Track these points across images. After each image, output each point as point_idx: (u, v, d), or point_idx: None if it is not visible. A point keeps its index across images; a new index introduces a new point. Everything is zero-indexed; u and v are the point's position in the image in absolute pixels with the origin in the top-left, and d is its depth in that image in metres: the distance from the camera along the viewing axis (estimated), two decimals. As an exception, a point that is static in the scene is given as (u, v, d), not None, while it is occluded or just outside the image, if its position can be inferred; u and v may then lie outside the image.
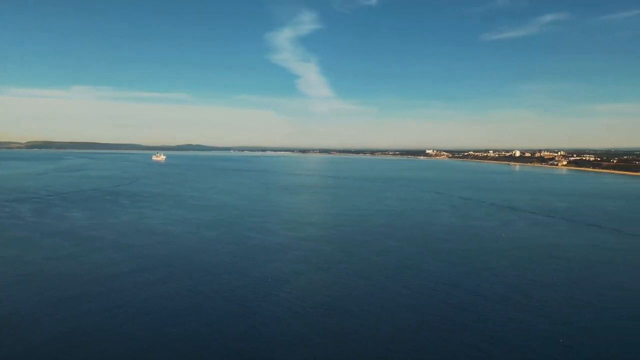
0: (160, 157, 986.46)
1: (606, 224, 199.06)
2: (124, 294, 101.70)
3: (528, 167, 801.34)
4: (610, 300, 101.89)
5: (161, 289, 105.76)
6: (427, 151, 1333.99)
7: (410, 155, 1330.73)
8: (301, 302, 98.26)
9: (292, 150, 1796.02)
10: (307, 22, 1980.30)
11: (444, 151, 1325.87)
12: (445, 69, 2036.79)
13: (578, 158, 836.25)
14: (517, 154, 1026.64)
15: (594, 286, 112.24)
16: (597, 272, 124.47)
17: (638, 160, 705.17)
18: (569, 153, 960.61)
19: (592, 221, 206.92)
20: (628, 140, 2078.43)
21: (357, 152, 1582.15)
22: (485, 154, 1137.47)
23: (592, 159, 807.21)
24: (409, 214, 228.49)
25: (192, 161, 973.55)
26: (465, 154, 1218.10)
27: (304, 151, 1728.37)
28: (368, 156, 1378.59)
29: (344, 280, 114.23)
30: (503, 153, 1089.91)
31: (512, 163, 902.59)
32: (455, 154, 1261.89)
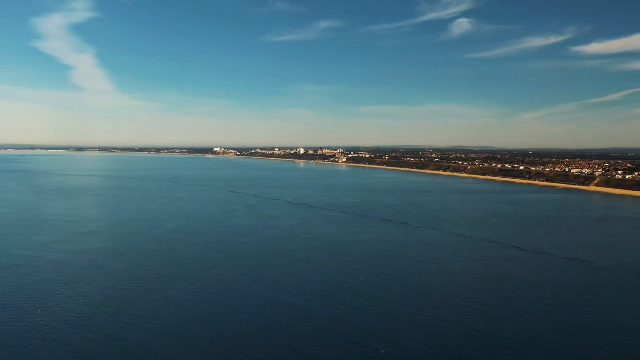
0: None
1: (395, 218, 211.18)
2: None
3: (312, 164, 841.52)
4: (409, 283, 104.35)
5: None
6: (215, 149, 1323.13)
7: (198, 153, 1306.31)
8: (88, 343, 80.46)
9: (67, 149, 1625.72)
10: (82, 9, 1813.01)
11: (232, 149, 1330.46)
12: (229, 67, 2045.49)
13: (356, 155, 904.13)
14: (302, 151, 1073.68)
15: (396, 284, 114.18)
16: (394, 267, 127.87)
17: (406, 157, 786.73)
18: (347, 150, 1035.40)
19: (382, 216, 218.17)
20: (394, 138, 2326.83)
21: (142, 150, 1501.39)
22: (271, 152, 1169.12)
23: (367, 156, 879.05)
24: (204, 216, 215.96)
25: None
26: (253, 151, 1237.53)
27: (81, 149, 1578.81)
28: (154, 154, 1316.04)
29: (135, 300, 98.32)
30: (288, 151, 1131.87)
31: (297, 160, 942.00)
32: (243, 151, 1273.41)
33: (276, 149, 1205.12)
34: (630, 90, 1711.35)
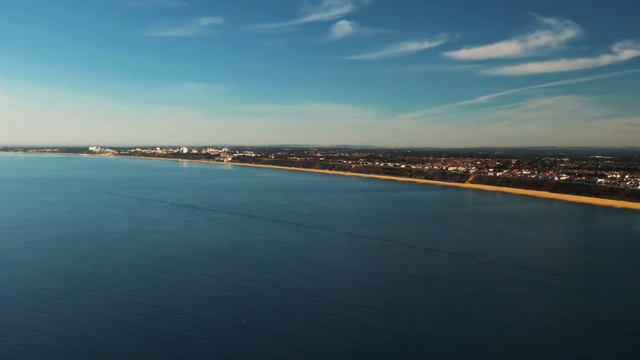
0: None
1: (285, 218, 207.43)
2: None
3: (196, 163, 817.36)
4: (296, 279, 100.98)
5: None
6: (91, 148, 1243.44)
7: (72, 152, 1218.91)
8: None
9: None
10: None
11: (110, 148, 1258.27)
12: (106, 62, 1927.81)
13: (241, 154, 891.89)
14: (185, 150, 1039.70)
15: (290, 284, 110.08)
16: (288, 269, 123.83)
17: (291, 156, 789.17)
18: (232, 149, 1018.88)
19: (273, 216, 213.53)
20: (280, 137, 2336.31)
21: (6, 149, 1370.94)
22: (153, 151, 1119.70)
23: (253, 155, 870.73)
24: (80, 220, 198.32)
25: None
26: (133, 150, 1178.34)
27: None
28: (21, 154, 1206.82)
29: (8, 321, 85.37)
30: (171, 150, 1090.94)
31: (180, 160, 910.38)
32: (121, 150, 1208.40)
33: (158, 148, 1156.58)
34: (496, 94, 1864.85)
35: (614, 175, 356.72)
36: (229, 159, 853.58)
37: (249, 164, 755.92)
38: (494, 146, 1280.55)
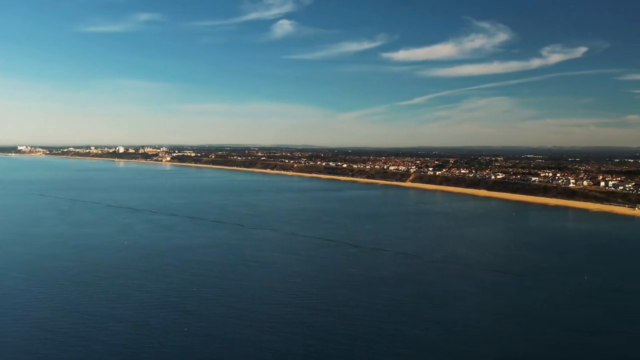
0: None
1: (228, 220, 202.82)
2: None
3: (134, 163, 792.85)
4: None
5: None
6: (20, 147, 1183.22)
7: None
8: None
9: None
10: None
11: (41, 147, 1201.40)
12: (37, 57, 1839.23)
13: (180, 154, 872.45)
14: (122, 150, 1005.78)
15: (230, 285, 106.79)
16: (231, 272, 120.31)
17: (232, 155, 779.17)
18: (171, 149, 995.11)
19: (215, 217, 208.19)
20: (220, 136, 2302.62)
21: None
22: (87, 150, 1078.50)
23: (192, 154, 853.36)
24: (7, 224, 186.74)
25: None
26: (66, 150, 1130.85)
27: None
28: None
29: None
30: (106, 149, 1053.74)
31: (116, 159, 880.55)
32: (53, 150, 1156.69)
33: (92, 148, 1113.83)
34: (433, 95, 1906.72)
35: (547, 174, 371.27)
36: (168, 158, 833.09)
37: (189, 164, 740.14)
38: (432, 146, 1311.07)
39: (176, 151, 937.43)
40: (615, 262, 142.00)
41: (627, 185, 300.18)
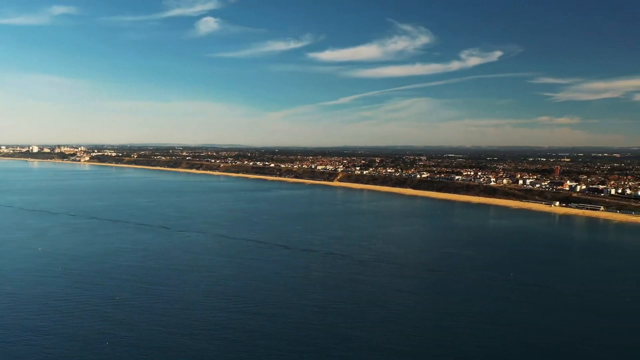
0: None
1: (152, 222, 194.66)
2: None
3: (49, 163, 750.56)
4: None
5: None
6: None
7: None
8: None
9: None
10: None
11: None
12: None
13: (100, 154, 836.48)
14: (36, 149, 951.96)
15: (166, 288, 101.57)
16: (156, 278, 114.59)
17: (155, 155, 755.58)
18: (90, 148, 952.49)
19: (138, 220, 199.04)
20: (142, 135, 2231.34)
21: None
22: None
23: (113, 154, 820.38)
24: None
25: None
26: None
27: None
28: None
29: None
30: (19, 149, 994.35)
31: (30, 159, 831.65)
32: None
33: (3, 147, 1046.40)
34: (358, 95, 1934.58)
35: (469, 173, 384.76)
36: (87, 158, 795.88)
37: (109, 164, 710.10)
38: (358, 145, 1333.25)
39: (96, 150, 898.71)
40: (537, 257, 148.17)
41: (543, 184, 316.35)
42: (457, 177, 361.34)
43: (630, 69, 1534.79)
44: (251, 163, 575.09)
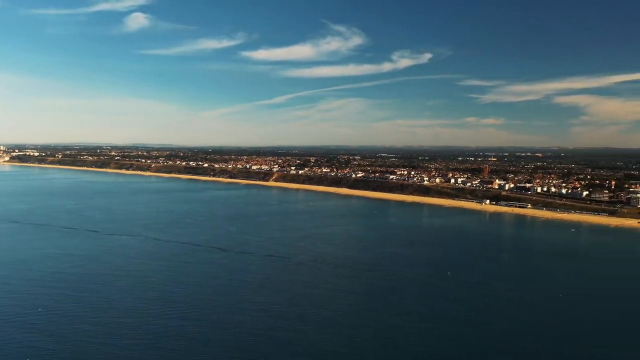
0: None
1: (79, 226, 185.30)
2: None
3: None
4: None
5: None
6: None
7: None
8: None
9: None
10: None
11: None
12: None
13: (21, 153, 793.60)
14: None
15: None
16: (83, 285, 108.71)
17: (82, 155, 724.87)
18: (10, 148, 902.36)
19: (64, 224, 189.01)
20: (67, 134, 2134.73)
21: None
22: None
23: (36, 154, 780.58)
24: None
25: None
26: None
27: None
28: None
29: None
30: None
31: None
32: None
33: None
34: (292, 95, 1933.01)
35: (402, 172, 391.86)
36: (7, 158, 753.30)
37: (32, 164, 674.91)
38: (292, 144, 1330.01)
39: (16, 150, 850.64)
40: (471, 255, 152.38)
41: (474, 182, 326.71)
42: (391, 177, 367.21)
43: (551, 73, 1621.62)
44: (184, 163, 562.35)
